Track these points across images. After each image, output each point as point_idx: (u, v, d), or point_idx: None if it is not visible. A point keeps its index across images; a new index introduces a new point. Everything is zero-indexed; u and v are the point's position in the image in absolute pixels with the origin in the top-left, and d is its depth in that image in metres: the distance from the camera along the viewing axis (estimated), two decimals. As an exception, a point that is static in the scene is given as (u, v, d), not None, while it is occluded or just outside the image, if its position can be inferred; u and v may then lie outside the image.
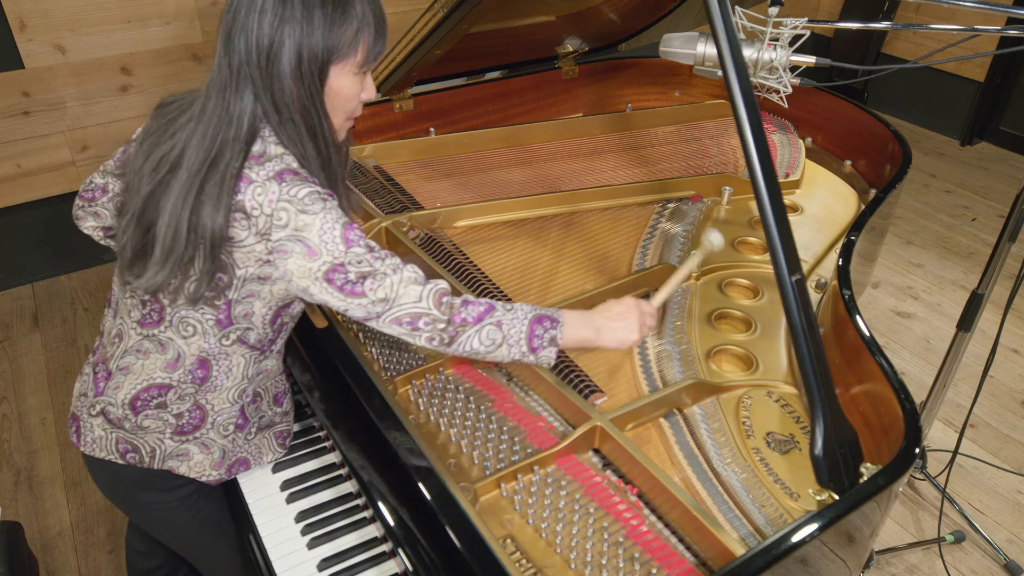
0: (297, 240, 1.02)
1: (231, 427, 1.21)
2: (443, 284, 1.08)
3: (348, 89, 1.08)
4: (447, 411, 1.22)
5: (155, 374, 1.14)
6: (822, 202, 1.87)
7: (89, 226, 1.31)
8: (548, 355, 1.12)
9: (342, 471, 1.33)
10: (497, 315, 1.09)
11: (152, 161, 1.08)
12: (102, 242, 1.32)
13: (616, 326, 1.17)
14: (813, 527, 0.93)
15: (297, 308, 1.20)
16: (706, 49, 1.32)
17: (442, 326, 1.06)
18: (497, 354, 1.10)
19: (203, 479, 1.23)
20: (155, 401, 1.14)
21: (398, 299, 1.05)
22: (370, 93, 1.12)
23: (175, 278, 1.06)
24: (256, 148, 1.04)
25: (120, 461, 1.18)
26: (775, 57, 1.29)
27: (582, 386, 1.24)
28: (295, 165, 1.05)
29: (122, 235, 1.11)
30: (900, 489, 1.82)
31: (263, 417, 1.27)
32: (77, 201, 1.29)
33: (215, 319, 1.11)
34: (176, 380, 1.14)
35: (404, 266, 1.07)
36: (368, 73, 1.11)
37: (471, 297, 1.10)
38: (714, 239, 1.32)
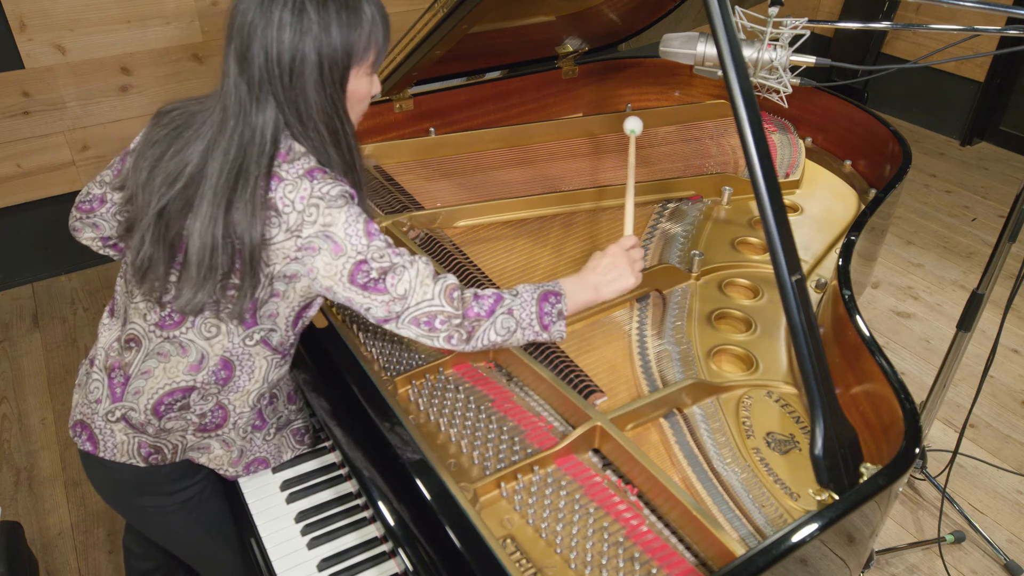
0: (325, 236, 1.03)
1: (249, 428, 1.23)
2: (451, 280, 1.09)
3: (363, 90, 1.11)
4: (447, 411, 1.22)
5: (178, 377, 1.13)
6: (822, 202, 1.87)
7: (87, 237, 1.28)
8: (560, 329, 1.16)
9: (342, 471, 1.33)
10: (507, 303, 1.12)
11: (163, 175, 1.06)
12: (101, 251, 1.31)
13: (611, 278, 1.21)
14: (813, 527, 0.93)
15: (315, 310, 1.21)
16: (706, 49, 1.32)
17: (457, 322, 1.08)
18: (512, 340, 1.13)
19: (221, 472, 1.26)
20: (179, 404, 1.14)
21: (414, 296, 1.06)
22: (377, 89, 1.15)
23: (214, 296, 1.06)
24: (281, 147, 1.05)
25: (142, 464, 1.18)
26: (775, 57, 1.29)
27: (582, 386, 1.24)
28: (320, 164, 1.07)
29: (136, 252, 1.09)
30: (900, 489, 1.82)
31: (280, 417, 1.28)
32: (74, 212, 1.26)
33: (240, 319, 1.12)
34: (200, 381, 1.14)
35: (419, 259, 1.08)
36: (375, 72, 1.13)
37: (478, 291, 1.12)
38: (634, 126, 1.50)
